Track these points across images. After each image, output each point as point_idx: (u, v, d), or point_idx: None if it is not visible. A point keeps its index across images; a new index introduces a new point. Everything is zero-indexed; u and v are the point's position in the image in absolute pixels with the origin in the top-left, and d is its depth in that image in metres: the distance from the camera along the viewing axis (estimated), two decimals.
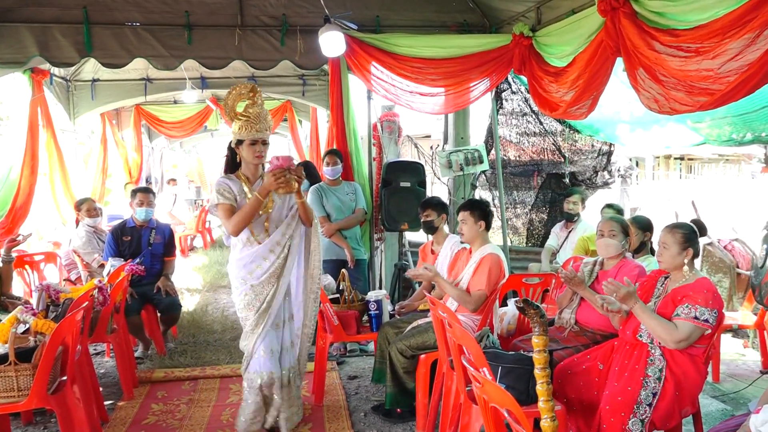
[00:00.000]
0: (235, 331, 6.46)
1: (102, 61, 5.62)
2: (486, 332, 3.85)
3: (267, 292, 3.79)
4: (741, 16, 2.74)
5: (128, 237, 5.77)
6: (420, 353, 4.18)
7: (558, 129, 7.57)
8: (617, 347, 3.50)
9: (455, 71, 5.58)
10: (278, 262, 3.81)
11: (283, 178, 3.52)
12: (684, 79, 3.16)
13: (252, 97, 3.71)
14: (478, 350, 3.01)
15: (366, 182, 6.28)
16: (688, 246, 3.39)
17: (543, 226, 7.79)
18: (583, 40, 4.22)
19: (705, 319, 3.18)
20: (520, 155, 7.93)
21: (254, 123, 3.66)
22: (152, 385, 5.04)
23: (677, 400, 3.22)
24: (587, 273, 4.11)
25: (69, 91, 8.66)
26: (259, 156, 3.75)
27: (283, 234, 3.84)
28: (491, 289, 4.14)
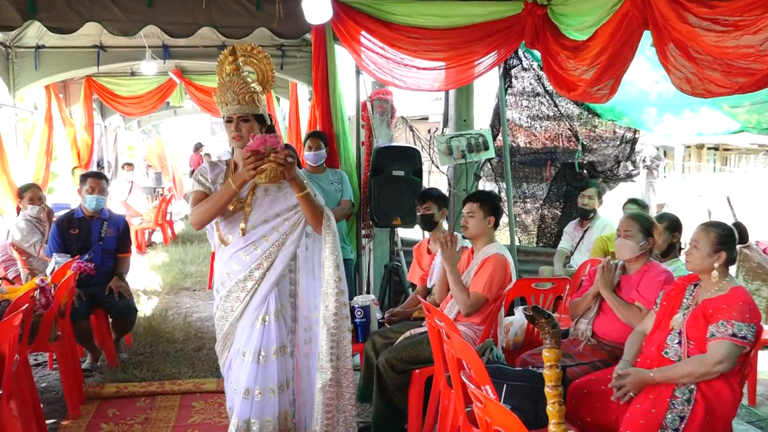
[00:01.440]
0: (200, 341, 6.47)
1: (48, 24, 5.58)
2: (489, 344, 3.88)
3: (234, 309, 3.42)
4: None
5: (76, 229, 5.76)
6: (413, 368, 4.19)
7: (575, 112, 7.62)
8: (639, 365, 3.52)
9: (458, 43, 5.62)
10: (252, 269, 3.39)
11: (254, 163, 3.12)
12: (721, 57, 3.19)
13: (232, 61, 3.36)
14: (480, 365, 3.02)
15: (353, 170, 6.28)
16: (722, 249, 3.41)
17: (556, 224, 7.84)
18: (606, 10, 4.25)
19: (743, 336, 3.20)
20: (531, 142, 7.97)
21: (221, 94, 3.32)
22: (102, 402, 5.02)
23: (708, 426, 3.23)
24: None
25: (8, 60, 8.60)
26: (236, 137, 3.34)
27: (264, 237, 3.41)
28: (494, 295, 4.18)
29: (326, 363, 3.43)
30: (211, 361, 5.81)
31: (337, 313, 3.44)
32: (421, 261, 5.24)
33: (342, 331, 3.49)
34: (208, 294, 8.71)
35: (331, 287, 3.44)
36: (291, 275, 3.60)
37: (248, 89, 3.32)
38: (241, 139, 3.30)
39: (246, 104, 3.30)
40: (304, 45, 8.43)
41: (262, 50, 3.44)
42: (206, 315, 7.59)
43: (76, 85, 11.50)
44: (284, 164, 3.15)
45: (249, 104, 3.31)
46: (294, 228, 3.45)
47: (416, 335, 4.37)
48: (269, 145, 3.12)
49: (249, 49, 3.42)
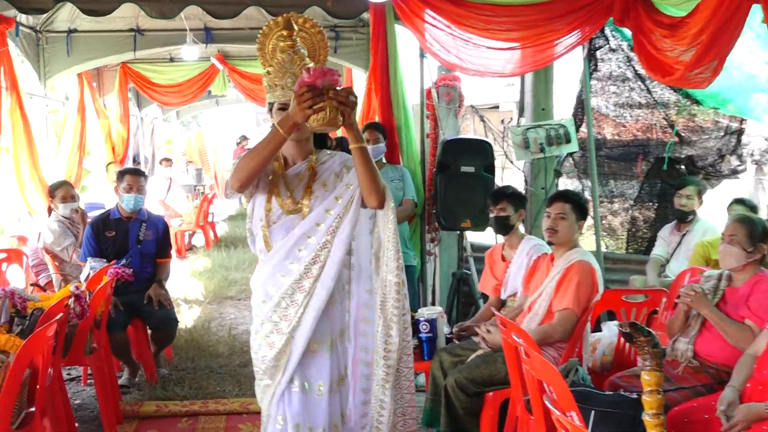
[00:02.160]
0: (246, 356, 6.53)
1: (82, 6, 5.73)
2: (574, 365, 3.87)
3: (287, 324, 3.14)
4: None
5: (112, 232, 5.89)
6: (486, 390, 4.22)
7: (671, 99, 7.57)
8: (751, 390, 3.46)
9: (535, 21, 5.62)
10: (305, 265, 3.12)
11: (309, 101, 2.79)
12: None
13: (287, 36, 3.11)
14: (565, 388, 3.02)
15: (417, 166, 6.30)
16: None
17: (649, 228, 7.79)
18: None
19: None
20: (619, 133, 7.95)
21: (278, 76, 3.08)
22: (140, 422, 5.14)
23: None
24: (710, 290, 4.07)
25: (39, 45, 8.84)
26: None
27: (327, 212, 3.15)
28: (581, 308, 4.16)
29: (381, 392, 3.23)
30: None
31: (400, 302, 3.19)
32: (494, 269, 5.24)
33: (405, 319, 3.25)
34: None
35: (392, 277, 3.17)
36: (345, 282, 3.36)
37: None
38: (299, 131, 3.05)
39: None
40: (360, 26, 8.48)
41: (315, 23, 3.23)
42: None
43: (111, 72, 11.75)
44: (346, 103, 2.86)
45: None
46: (347, 210, 3.16)
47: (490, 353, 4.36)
48: (327, 80, 2.82)
49: (301, 21, 3.19)
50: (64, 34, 8.80)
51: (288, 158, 3.26)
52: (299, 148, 3.23)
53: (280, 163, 3.25)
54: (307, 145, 3.25)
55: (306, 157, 3.24)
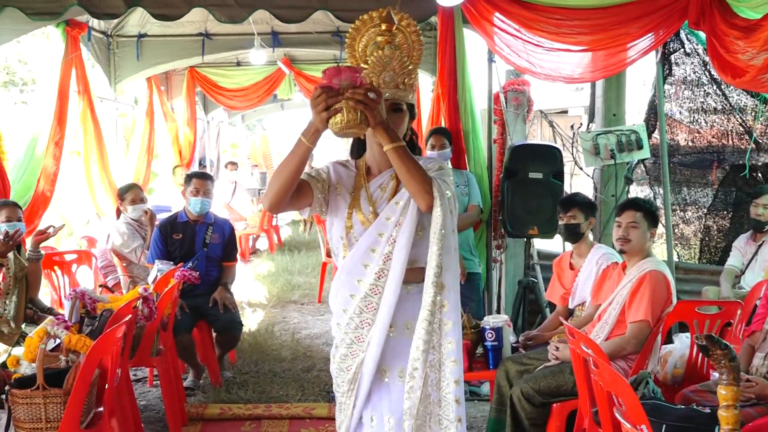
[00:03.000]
0: (309, 360, 6.62)
1: (153, 11, 5.84)
2: (644, 377, 3.81)
3: (360, 344, 2.93)
4: None
5: (179, 234, 6.00)
6: (553, 401, 4.19)
7: (748, 104, 7.49)
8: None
9: (607, 24, 5.61)
10: (372, 278, 2.88)
11: (323, 103, 2.59)
12: None
13: (386, 31, 2.86)
14: (635, 401, 2.98)
15: (484, 171, 6.29)
16: None
17: (723, 237, 7.73)
18: None
19: None
20: (693, 139, 7.90)
21: (376, 72, 2.83)
22: (205, 424, 5.22)
23: None
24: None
25: (109, 50, 9.10)
26: None
27: (387, 220, 2.90)
28: (655, 320, 4.12)
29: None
30: (322, 384, 5.94)
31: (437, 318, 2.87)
32: (562, 277, 5.19)
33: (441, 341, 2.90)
34: (317, 308, 8.92)
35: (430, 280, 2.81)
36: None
37: (407, 70, 2.88)
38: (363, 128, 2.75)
39: (404, 89, 2.88)
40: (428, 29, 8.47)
41: (413, 21, 2.97)
42: (316, 332, 7.78)
43: (179, 76, 11.98)
44: (366, 103, 2.59)
45: (407, 89, 2.90)
46: (404, 213, 2.88)
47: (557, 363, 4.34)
48: (345, 79, 2.60)
49: (398, 17, 2.90)
50: (134, 38, 9.04)
51: (372, 167, 3.00)
52: (384, 156, 2.84)
53: (362, 173, 2.99)
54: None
55: (391, 166, 2.86)
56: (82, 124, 7.67)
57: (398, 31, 2.88)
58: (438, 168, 2.92)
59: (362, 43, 2.90)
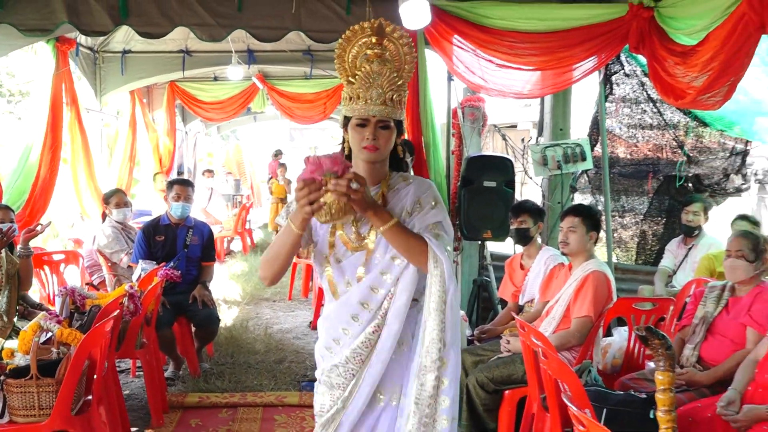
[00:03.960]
0: (281, 353, 6.63)
1: (139, 29, 5.75)
2: (587, 366, 3.89)
3: (340, 387, 2.58)
4: None
5: (162, 236, 5.98)
6: (505, 388, 4.23)
7: (681, 121, 7.54)
8: (752, 393, 3.47)
9: (555, 47, 5.57)
10: (366, 334, 2.53)
11: (309, 196, 2.30)
12: None
13: (376, 44, 2.53)
14: (580, 387, 3.05)
15: (442, 180, 6.31)
16: None
17: (657, 241, 7.77)
18: (720, 12, 4.16)
19: None
20: (631, 152, 7.93)
21: (363, 87, 2.47)
22: (184, 411, 5.21)
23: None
24: (714, 299, 4.10)
25: (96, 64, 9.03)
26: (369, 148, 2.50)
27: (381, 277, 2.54)
28: (597, 315, 4.18)
29: None
30: (293, 374, 5.97)
31: (433, 395, 2.50)
32: (513, 276, 5.26)
33: (436, 417, 2.52)
34: (288, 305, 8.92)
35: (430, 357, 2.48)
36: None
37: (397, 86, 2.51)
38: (377, 151, 2.50)
39: (392, 105, 2.50)
40: None
41: (405, 33, 2.61)
42: (287, 327, 7.78)
43: (159, 90, 11.87)
44: (350, 195, 2.29)
45: (395, 106, 2.52)
46: (407, 268, 2.54)
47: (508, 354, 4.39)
48: (327, 170, 2.31)
49: (390, 29, 2.57)
50: (119, 54, 8.99)
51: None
52: (372, 172, 2.58)
53: None
54: (382, 168, 2.61)
55: (378, 183, 2.59)
56: (70, 133, 7.58)
57: (389, 43, 2.56)
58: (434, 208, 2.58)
59: (352, 54, 2.56)
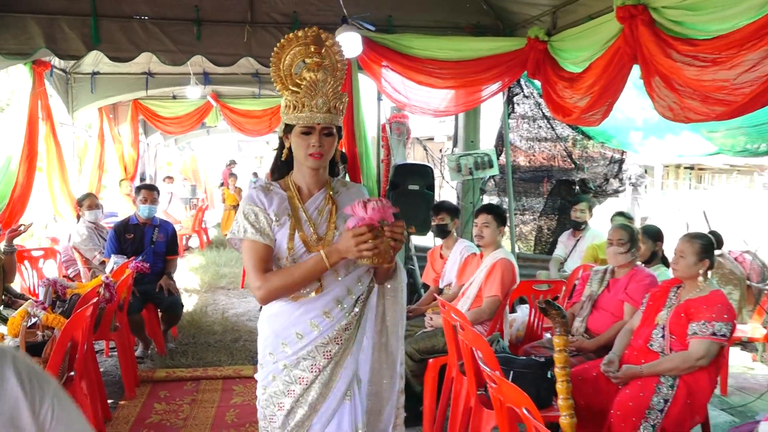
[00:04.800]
0: (236, 333, 6.61)
1: (109, 54, 5.67)
2: (496, 337, 4.01)
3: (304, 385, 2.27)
4: (760, 28, 2.88)
5: (131, 234, 5.90)
6: (428, 357, 4.30)
7: (569, 135, 7.67)
8: (628, 356, 3.64)
9: (467, 72, 5.64)
10: (335, 331, 2.28)
11: (368, 244, 2.06)
12: (699, 89, 3.28)
13: (315, 52, 2.27)
14: (491, 352, 3.16)
15: (374, 184, 6.39)
16: (705, 257, 3.54)
17: (552, 234, 7.89)
18: (600, 46, 4.29)
19: (723, 334, 3.33)
20: (530, 161, 8.03)
21: (309, 96, 2.21)
22: (154, 385, 5.17)
23: (688, 408, 3.36)
24: (598, 281, 4.28)
25: (68, 84, 8.81)
26: (315, 155, 2.25)
27: (359, 282, 2.34)
28: (504, 295, 4.28)
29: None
30: (247, 351, 5.96)
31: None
32: (434, 264, 5.35)
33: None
34: (241, 293, 8.86)
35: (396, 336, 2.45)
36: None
37: (339, 93, 2.28)
38: (321, 158, 2.26)
39: (335, 113, 2.26)
40: None
41: (337, 42, 2.36)
42: (240, 311, 7.75)
43: (124, 107, 11.64)
44: (401, 240, 2.14)
45: (338, 113, 2.28)
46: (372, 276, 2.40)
47: (432, 330, 4.48)
48: (382, 218, 2.09)
49: (324, 37, 2.33)
50: (89, 75, 8.80)
51: (303, 188, 2.36)
52: (317, 178, 2.36)
53: (294, 194, 2.34)
54: (324, 174, 2.38)
55: (322, 187, 2.37)
56: (46, 145, 7.40)
57: (326, 52, 2.31)
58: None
59: (287, 62, 2.27)
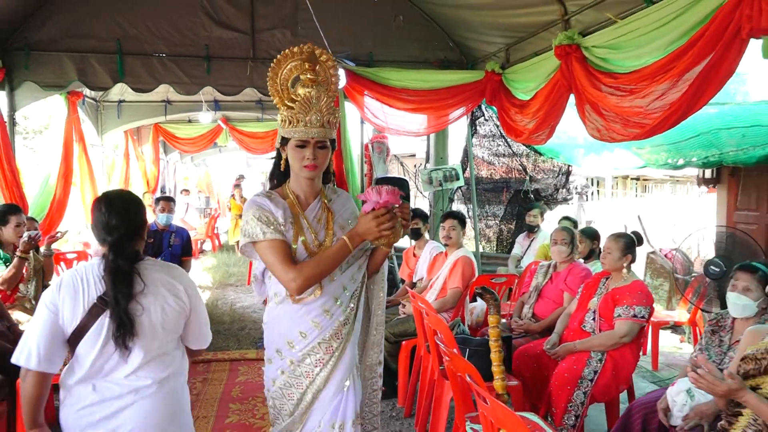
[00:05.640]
0: (242, 323, 6.70)
1: (132, 86, 5.78)
2: (457, 322, 4.12)
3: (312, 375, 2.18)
4: (665, 65, 3.04)
5: (151, 239, 5.94)
6: (402, 340, 4.40)
7: (524, 151, 7.78)
8: (565, 336, 3.78)
9: (436, 99, 5.73)
10: (338, 327, 2.18)
11: (388, 223, 1.99)
12: (620, 114, 3.42)
13: (310, 69, 2.13)
14: (449, 333, 3.26)
15: None
16: (628, 252, 3.69)
17: (510, 236, 7.97)
18: (543, 78, 4.42)
19: (642, 316, 3.49)
20: (491, 173, 8.14)
21: (303, 112, 2.07)
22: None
23: (614, 378, 3.51)
24: (543, 273, 4.42)
25: (98, 111, 8.93)
26: (309, 167, 2.12)
27: (352, 279, 2.23)
28: (464, 286, 4.39)
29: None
30: (251, 338, 6.05)
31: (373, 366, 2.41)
32: (408, 262, 5.44)
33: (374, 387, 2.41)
34: (247, 289, 8.93)
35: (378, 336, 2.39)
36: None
37: (333, 109, 2.14)
38: (315, 170, 2.13)
39: (328, 127, 2.13)
40: None
41: (331, 56, 2.23)
42: (246, 304, 7.82)
43: (146, 129, 11.75)
44: (408, 221, 2.08)
45: (331, 127, 2.14)
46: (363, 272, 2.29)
47: (405, 317, 4.58)
48: (393, 201, 2.01)
49: (318, 52, 2.19)
50: (116, 103, 8.94)
51: (301, 196, 2.22)
52: (312, 187, 2.22)
53: (294, 202, 2.20)
54: (319, 182, 2.24)
55: (317, 195, 2.25)
56: (79, 163, 7.49)
57: (320, 68, 2.18)
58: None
59: (283, 75, 2.15)
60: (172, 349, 2.11)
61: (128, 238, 2.02)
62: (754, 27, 2.50)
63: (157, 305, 2.00)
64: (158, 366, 2.04)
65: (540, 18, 4.60)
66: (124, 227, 2.01)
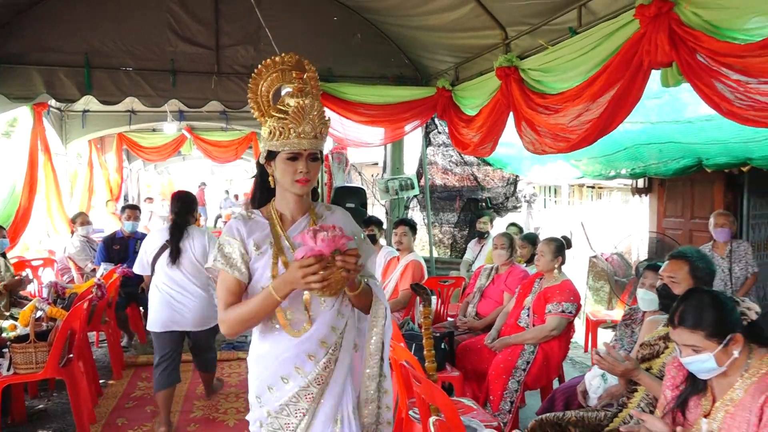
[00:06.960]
0: None
1: (99, 98, 5.91)
2: (408, 321, 4.43)
3: (290, 429, 1.92)
4: (582, 89, 3.42)
5: (118, 246, 6.16)
6: None
7: (475, 162, 8.08)
8: (503, 331, 4.13)
9: (391, 113, 5.94)
10: (316, 373, 1.91)
11: (315, 276, 1.68)
12: (550, 130, 3.79)
13: (298, 78, 1.95)
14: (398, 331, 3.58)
15: None
16: (559, 254, 4.06)
17: (463, 241, 8.23)
18: (487, 96, 4.73)
19: (570, 311, 3.87)
20: (445, 183, 8.38)
21: (296, 122, 1.87)
22: (137, 368, 5.44)
23: (545, 368, 3.88)
24: (486, 275, 4.77)
25: (62, 120, 9.00)
26: (302, 182, 1.90)
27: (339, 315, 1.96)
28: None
29: None
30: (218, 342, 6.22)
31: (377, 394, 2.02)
32: None
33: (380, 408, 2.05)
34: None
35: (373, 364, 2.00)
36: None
37: (325, 119, 1.95)
38: (308, 184, 1.91)
39: (321, 138, 1.94)
40: None
41: (312, 66, 2.02)
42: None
43: (110, 138, 11.73)
44: (357, 270, 1.73)
45: (322, 138, 1.95)
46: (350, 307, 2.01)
47: None
48: (336, 247, 1.69)
49: (305, 62, 2.01)
50: (80, 112, 9.02)
51: (286, 214, 1.99)
52: (300, 204, 1.99)
53: (276, 222, 1.97)
54: (308, 199, 2.01)
55: (305, 212, 2.01)
56: (44, 172, 7.59)
57: (307, 77, 1.98)
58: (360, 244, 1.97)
59: (265, 86, 1.95)
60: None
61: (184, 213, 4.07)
62: (652, 60, 2.91)
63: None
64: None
65: (484, 41, 4.92)
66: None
